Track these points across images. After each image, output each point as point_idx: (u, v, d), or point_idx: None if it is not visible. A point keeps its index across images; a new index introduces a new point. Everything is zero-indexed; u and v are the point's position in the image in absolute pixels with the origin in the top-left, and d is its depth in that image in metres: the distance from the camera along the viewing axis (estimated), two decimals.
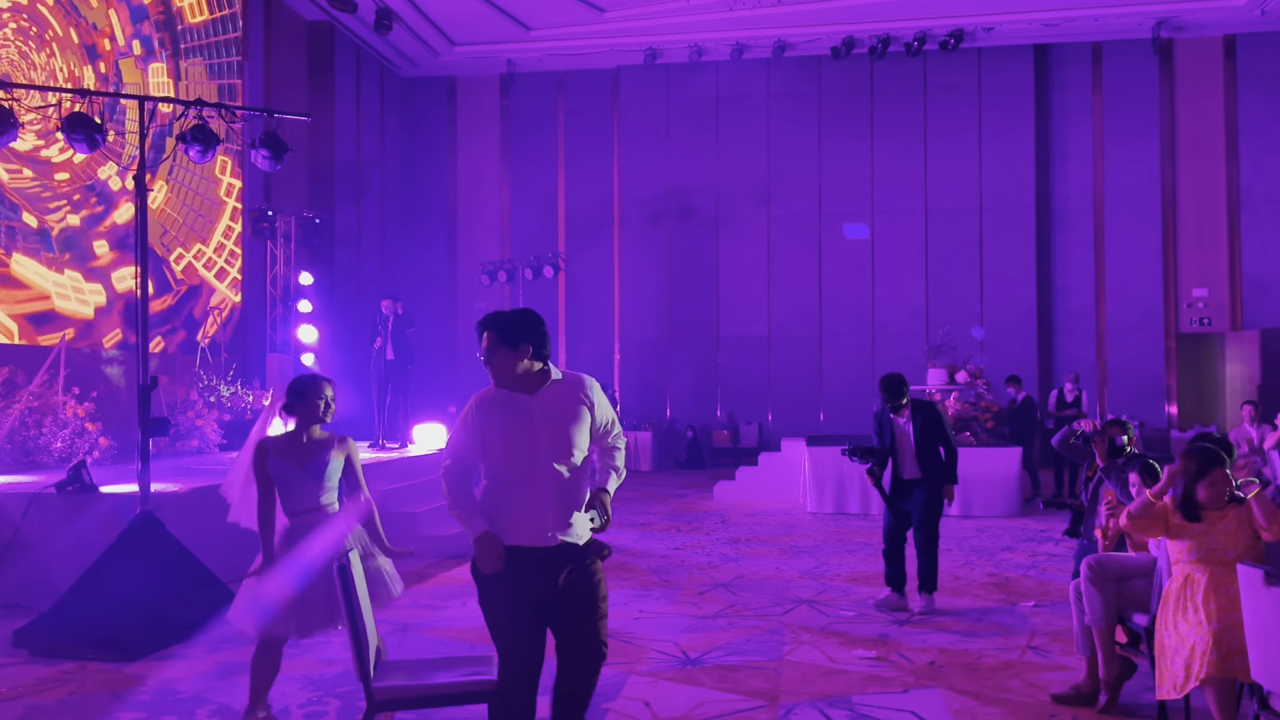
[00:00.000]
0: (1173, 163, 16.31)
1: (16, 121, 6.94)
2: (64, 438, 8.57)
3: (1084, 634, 4.77)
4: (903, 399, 6.80)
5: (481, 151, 17.98)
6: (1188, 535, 4.12)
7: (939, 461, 6.76)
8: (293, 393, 4.37)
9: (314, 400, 4.36)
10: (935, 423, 6.78)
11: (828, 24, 15.92)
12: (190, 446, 10.35)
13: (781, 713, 4.61)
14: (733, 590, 7.30)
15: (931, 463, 6.73)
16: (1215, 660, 3.79)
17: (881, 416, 6.88)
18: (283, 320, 13.14)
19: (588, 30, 16.32)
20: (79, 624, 5.64)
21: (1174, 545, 4.20)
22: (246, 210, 12.79)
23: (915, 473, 6.74)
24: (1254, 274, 15.93)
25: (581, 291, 17.58)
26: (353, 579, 3.54)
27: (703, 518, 11.04)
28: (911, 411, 6.81)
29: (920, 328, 16.41)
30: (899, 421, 6.81)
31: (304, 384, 4.39)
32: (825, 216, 17.01)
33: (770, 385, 16.98)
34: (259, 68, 13.56)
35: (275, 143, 7.94)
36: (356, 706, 4.68)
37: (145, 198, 6.55)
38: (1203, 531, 4.08)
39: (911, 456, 6.75)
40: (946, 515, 11.01)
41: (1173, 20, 15.68)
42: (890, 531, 6.85)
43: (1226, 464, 4.11)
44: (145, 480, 6.18)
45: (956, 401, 11.88)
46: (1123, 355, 16.25)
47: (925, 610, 6.59)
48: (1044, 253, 16.57)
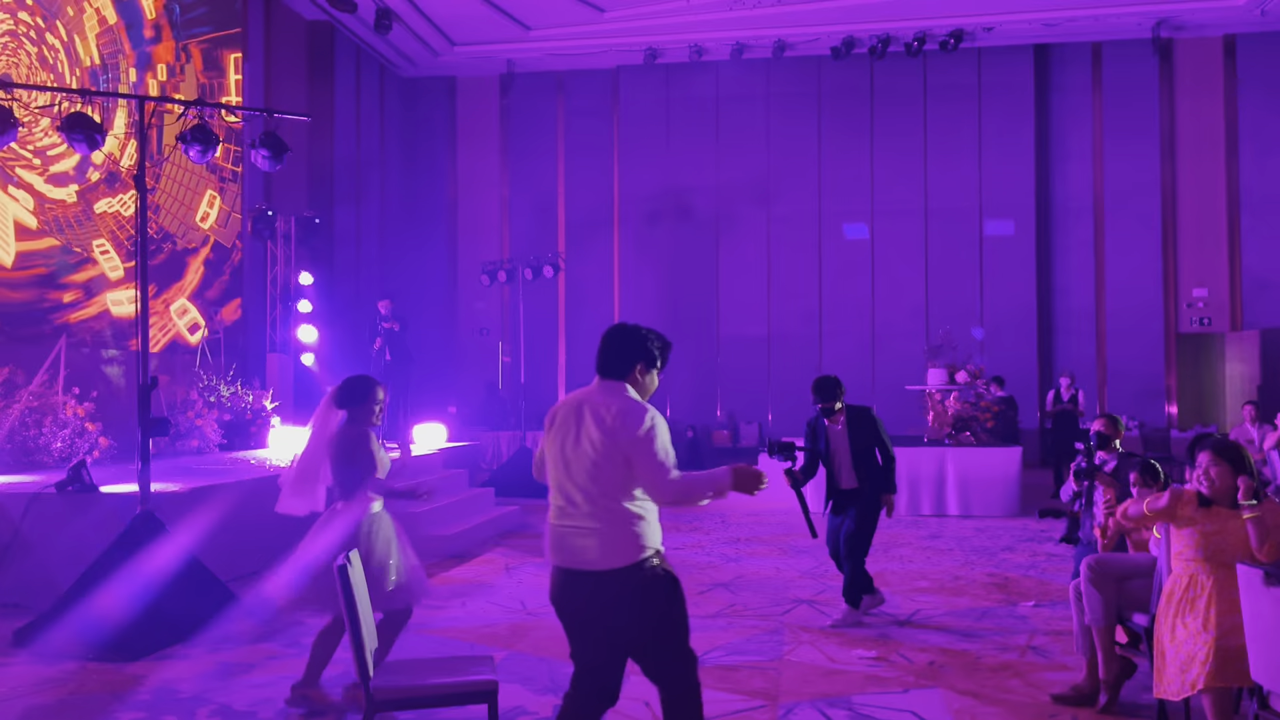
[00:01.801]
0: (1173, 163, 16.31)
1: (16, 121, 6.94)
2: (64, 438, 8.57)
3: (1084, 634, 4.77)
4: (835, 403, 6.37)
5: (481, 151, 17.98)
6: (1197, 530, 4.04)
7: (877, 470, 6.38)
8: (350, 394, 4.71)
9: (371, 404, 4.71)
10: (871, 428, 6.38)
11: (828, 24, 15.91)
12: (190, 446, 10.35)
13: (781, 713, 4.61)
14: (733, 590, 7.30)
15: (869, 471, 6.35)
16: (1213, 671, 3.76)
17: (814, 423, 6.48)
18: (283, 320, 13.13)
19: (588, 30, 16.32)
20: (79, 624, 5.64)
21: (1179, 539, 4.12)
22: (246, 210, 12.78)
23: (853, 482, 6.36)
24: (1254, 274, 15.93)
25: (581, 291, 17.57)
26: (351, 579, 3.54)
27: (703, 518, 11.04)
28: (847, 417, 6.42)
29: (920, 328, 16.41)
30: (834, 429, 6.42)
31: (360, 386, 4.72)
32: (825, 216, 17.00)
33: (770, 385, 16.97)
34: (259, 67, 13.56)
35: (275, 142, 7.94)
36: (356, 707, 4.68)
37: (145, 197, 6.54)
38: (1215, 530, 4.00)
39: (848, 466, 6.37)
40: (946, 515, 11.10)
41: (1173, 20, 15.67)
42: (830, 542, 6.57)
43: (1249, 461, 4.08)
44: (145, 480, 6.18)
45: (956, 401, 11.88)
46: (1123, 355, 16.25)
47: (842, 623, 6.21)
48: (1044, 253, 16.57)
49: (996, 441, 11.62)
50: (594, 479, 3.23)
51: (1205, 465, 4.06)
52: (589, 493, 3.23)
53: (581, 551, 3.23)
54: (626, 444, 3.20)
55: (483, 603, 6.97)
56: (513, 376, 16.82)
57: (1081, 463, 5.65)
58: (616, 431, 3.21)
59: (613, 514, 3.22)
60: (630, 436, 3.20)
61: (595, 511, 3.22)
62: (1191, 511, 4.07)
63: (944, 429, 11.82)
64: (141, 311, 6.44)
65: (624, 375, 3.37)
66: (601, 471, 3.22)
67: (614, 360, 3.38)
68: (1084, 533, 5.77)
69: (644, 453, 3.20)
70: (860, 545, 6.34)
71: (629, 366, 3.37)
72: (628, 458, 3.20)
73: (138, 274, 6.54)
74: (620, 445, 3.20)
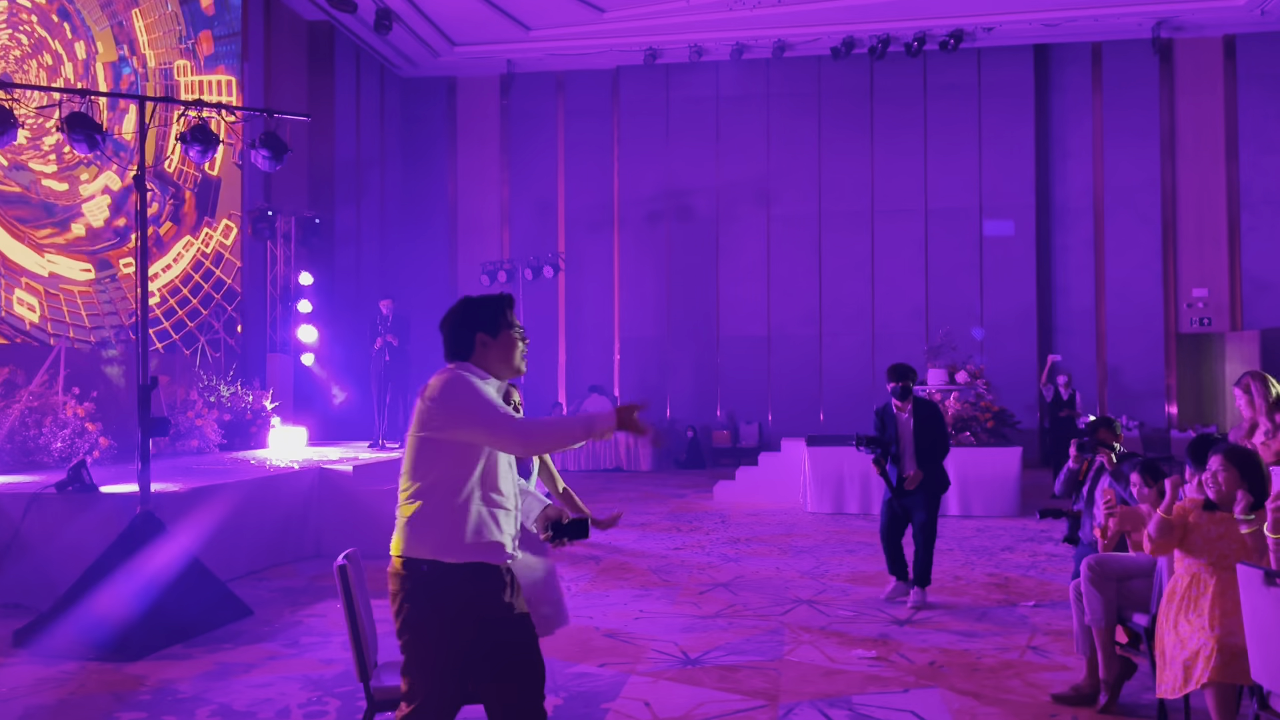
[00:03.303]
0: (1173, 162, 16.31)
1: (16, 121, 6.95)
2: (64, 438, 8.57)
3: (1084, 634, 4.77)
4: (910, 383, 6.88)
5: (481, 151, 17.98)
6: (1202, 538, 4.03)
7: (937, 461, 6.83)
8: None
9: None
10: (936, 421, 6.86)
11: (828, 24, 15.92)
12: (190, 446, 10.35)
13: (781, 713, 4.61)
14: (733, 590, 7.30)
15: (930, 461, 6.79)
16: (1217, 666, 3.77)
17: (884, 411, 6.97)
18: (283, 320, 13.14)
19: (588, 30, 16.32)
20: (79, 624, 5.64)
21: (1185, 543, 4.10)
22: (246, 210, 12.79)
23: (912, 469, 6.80)
24: (1254, 274, 15.93)
25: (581, 291, 17.58)
26: (351, 579, 3.54)
27: (703, 518, 11.04)
28: (914, 408, 6.87)
29: (920, 328, 16.41)
30: (901, 416, 6.87)
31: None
32: (825, 216, 17.01)
33: (770, 385, 16.98)
34: (259, 67, 13.56)
35: (275, 142, 7.95)
36: (356, 706, 4.67)
37: (146, 197, 6.55)
38: (1219, 535, 3.99)
39: (911, 453, 6.82)
40: (946, 515, 11.10)
41: (1173, 20, 15.68)
42: (888, 526, 6.93)
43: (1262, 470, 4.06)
44: (145, 480, 6.18)
45: (956, 401, 11.88)
46: (1123, 355, 16.25)
47: (917, 604, 6.67)
48: (1044, 253, 16.57)
49: (996, 441, 11.63)
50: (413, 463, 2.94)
51: (1216, 469, 4.05)
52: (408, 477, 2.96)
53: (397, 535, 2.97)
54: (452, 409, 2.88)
55: None
56: None
57: (1084, 440, 5.69)
58: (437, 400, 2.91)
59: (417, 502, 2.92)
60: (450, 396, 2.90)
61: (409, 498, 2.94)
62: (1195, 517, 4.07)
63: None
64: (141, 311, 6.44)
65: (467, 354, 3.04)
66: (420, 453, 2.92)
67: (449, 342, 3.06)
68: (1084, 533, 5.77)
69: (469, 408, 2.88)
70: (932, 532, 6.81)
71: (468, 341, 3.03)
72: (457, 425, 2.88)
73: (138, 275, 6.54)
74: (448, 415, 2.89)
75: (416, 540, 2.91)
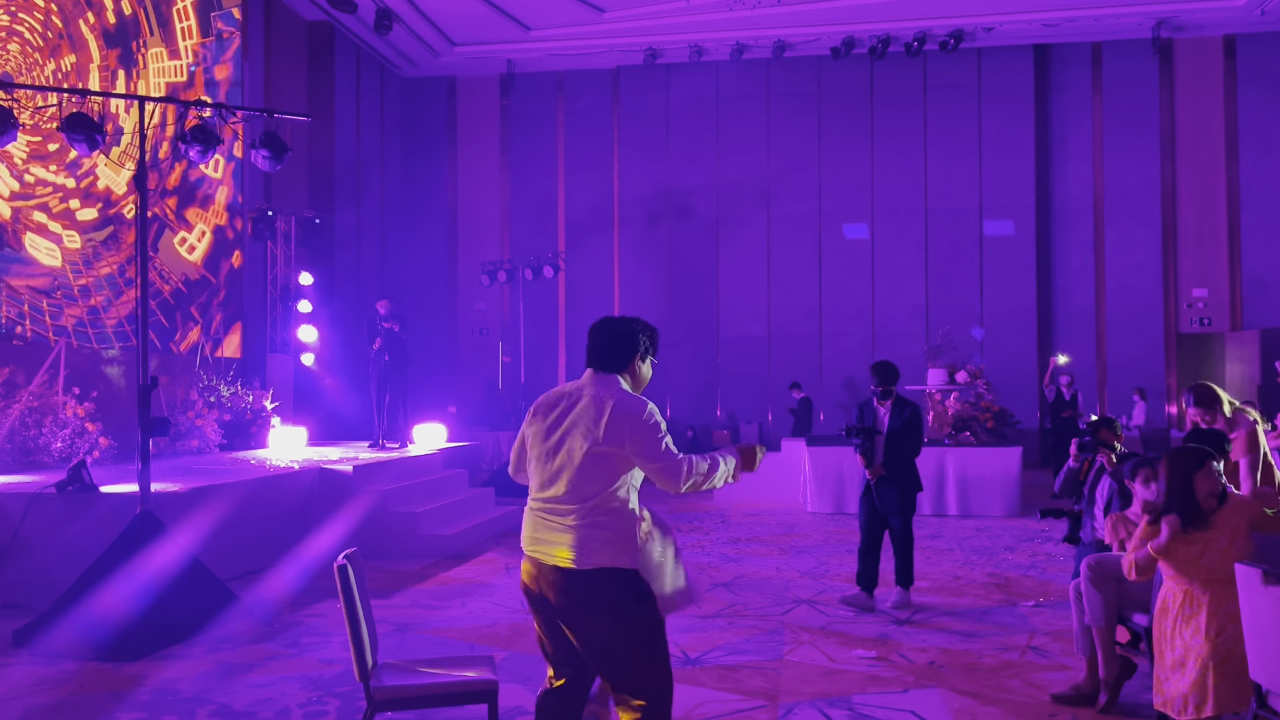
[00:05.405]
0: (1173, 163, 16.31)
1: (16, 122, 6.95)
2: (64, 438, 8.57)
3: (1084, 634, 4.77)
4: (893, 386, 6.88)
5: (481, 151, 17.98)
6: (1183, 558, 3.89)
7: (908, 459, 6.79)
8: None
9: None
10: (913, 421, 6.80)
11: (828, 24, 15.92)
12: (190, 446, 10.35)
13: (781, 713, 4.61)
14: (733, 590, 7.30)
15: (901, 461, 6.75)
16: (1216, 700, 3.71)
17: (866, 405, 7.01)
18: (283, 320, 13.13)
19: (588, 30, 16.32)
20: (79, 624, 5.64)
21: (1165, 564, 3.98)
22: (246, 210, 12.79)
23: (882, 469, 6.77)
24: (1254, 274, 15.93)
25: (581, 292, 17.57)
26: (351, 579, 3.54)
27: (703, 517, 11.04)
28: (894, 404, 6.86)
29: (920, 328, 16.41)
30: (880, 411, 6.89)
31: None
32: (825, 216, 17.01)
33: (770, 385, 16.97)
34: (259, 68, 13.55)
35: (275, 143, 7.94)
36: (356, 706, 4.68)
37: (146, 197, 6.55)
38: (1199, 553, 3.87)
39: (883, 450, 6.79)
40: (946, 515, 11.11)
41: (1173, 20, 15.68)
42: (867, 528, 6.86)
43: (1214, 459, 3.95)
44: (145, 480, 6.18)
45: (956, 401, 11.87)
46: (1123, 355, 16.25)
47: (899, 604, 6.69)
48: (1044, 253, 16.57)
49: (996, 441, 11.63)
50: (583, 475, 3.10)
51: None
52: (574, 488, 3.11)
53: (555, 547, 3.11)
54: (631, 437, 3.07)
55: (483, 603, 6.97)
56: (513, 376, 16.83)
57: (1085, 438, 5.68)
58: (618, 424, 3.07)
59: (593, 513, 3.10)
60: (635, 428, 3.08)
61: (577, 509, 3.09)
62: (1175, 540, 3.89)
63: (944, 429, 11.82)
64: (141, 311, 6.44)
65: (622, 368, 3.26)
66: (591, 468, 3.10)
67: (609, 353, 3.26)
68: (1084, 533, 5.78)
69: (649, 443, 3.09)
70: (908, 537, 6.82)
71: (626, 359, 3.27)
72: (629, 452, 3.08)
73: (138, 275, 6.53)
74: (623, 439, 3.07)
75: (597, 549, 3.09)
